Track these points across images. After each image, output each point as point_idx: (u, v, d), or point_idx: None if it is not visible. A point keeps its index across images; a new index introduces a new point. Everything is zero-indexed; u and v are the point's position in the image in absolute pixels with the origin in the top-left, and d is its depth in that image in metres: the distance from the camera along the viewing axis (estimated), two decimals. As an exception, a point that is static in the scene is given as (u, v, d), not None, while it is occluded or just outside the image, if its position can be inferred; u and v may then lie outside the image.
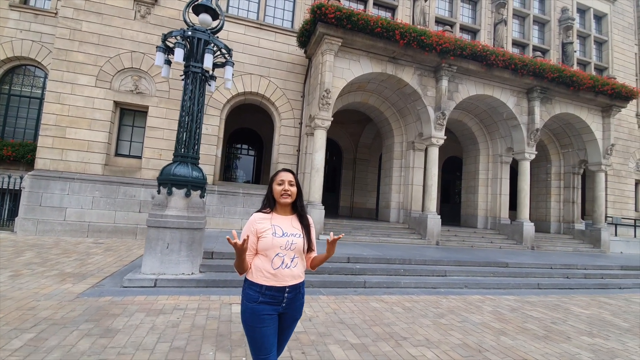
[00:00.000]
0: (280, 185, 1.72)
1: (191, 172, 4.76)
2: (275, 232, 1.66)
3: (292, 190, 1.72)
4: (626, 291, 6.71)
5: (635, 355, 3.31)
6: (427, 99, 9.51)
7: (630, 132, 14.37)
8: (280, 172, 1.75)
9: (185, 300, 3.95)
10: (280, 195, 1.71)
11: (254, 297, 1.62)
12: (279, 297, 1.63)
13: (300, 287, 1.72)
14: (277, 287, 1.63)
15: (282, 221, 1.72)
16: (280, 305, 1.64)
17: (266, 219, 1.71)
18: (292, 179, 1.73)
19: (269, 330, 1.60)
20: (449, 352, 3.07)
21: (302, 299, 1.77)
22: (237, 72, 9.49)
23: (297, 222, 1.76)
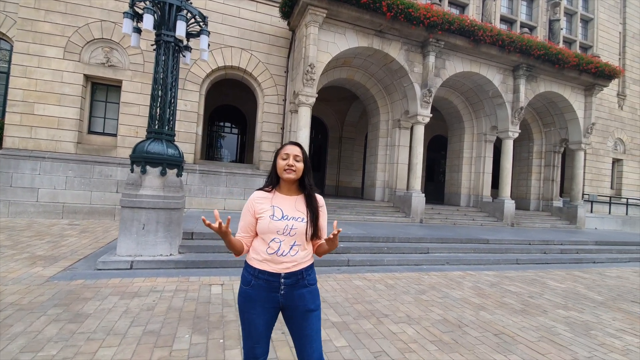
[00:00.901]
0: (284, 160, 1.51)
1: (166, 149, 4.51)
2: (273, 214, 1.48)
3: (297, 166, 1.50)
4: (600, 265, 6.98)
5: (609, 328, 3.42)
6: (413, 76, 9.32)
7: (611, 112, 14.64)
8: (285, 145, 1.55)
9: (163, 282, 3.83)
10: (284, 171, 1.50)
11: (247, 280, 1.49)
12: (275, 283, 1.46)
13: (302, 273, 1.51)
14: (271, 272, 1.47)
15: (284, 202, 1.52)
16: (279, 293, 1.47)
17: (266, 198, 1.53)
18: (299, 153, 1.52)
19: (257, 318, 1.45)
20: (429, 328, 3.08)
21: (309, 286, 1.53)
22: (216, 44, 9.01)
23: (303, 204, 1.54)
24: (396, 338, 2.82)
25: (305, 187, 1.56)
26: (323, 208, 1.59)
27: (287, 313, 1.52)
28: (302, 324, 1.50)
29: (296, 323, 1.51)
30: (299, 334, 1.51)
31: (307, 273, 1.53)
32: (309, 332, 1.50)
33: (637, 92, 15.32)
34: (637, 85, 15.32)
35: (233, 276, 4.19)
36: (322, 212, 1.58)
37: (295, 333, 1.52)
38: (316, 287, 1.58)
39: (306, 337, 1.50)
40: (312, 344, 1.50)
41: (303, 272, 1.52)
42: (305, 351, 1.50)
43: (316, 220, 1.53)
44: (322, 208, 1.58)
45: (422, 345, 2.72)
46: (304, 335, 1.50)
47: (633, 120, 15.21)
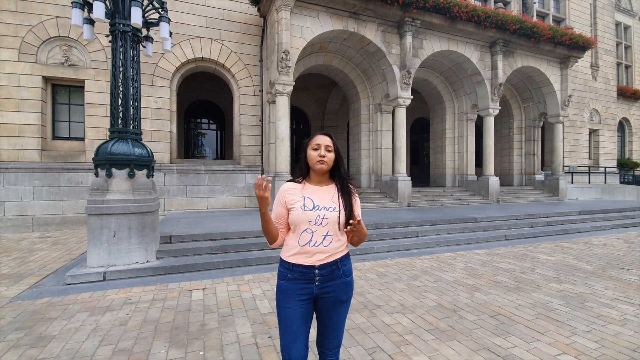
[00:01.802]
0: (315, 150, 1.48)
1: (132, 149, 4.17)
2: (305, 204, 1.47)
3: (329, 156, 1.48)
4: (585, 235, 7.06)
5: (604, 298, 3.37)
6: (391, 57, 9.10)
7: (585, 83, 14.87)
8: (316, 136, 1.51)
9: (139, 291, 3.55)
10: (316, 162, 1.47)
11: (283, 274, 1.49)
12: (309, 275, 1.46)
13: (336, 264, 1.49)
14: (305, 265, 1.46)
15: (315, 192, 1.51)
16: (314, 284, 1.46)
17: (297, 189, 1.51)
18: (330, 144, 1.49)
19: (293, 313, 1.44)
20: (424, 315, 2.94)
21: (344, 277, 1.52)
22: (183, 35, 8.54)
23: (335, 194, 1.52)
24: (391, 330, 2.66)
25: (337, 177, 1.55)
26: (356, 196, 1.56)
27: (318, 303, 1.51)
28: (331, 313, 1.51)
29: (325, 312, 1.51)
30: (325, 322, 1.53)
31: (342, 264, 1.52)
32: (336, 322, 1.52)
33: (609, 63, 15.60)
34: (609, 56, 15.58)
35: (216, 279, 3.96)
36: (356, 201, 1.55)
37: (321, 321, 1.54)
38: (351, 278, 1.57)
39: (332, 327, 1.52)
40: (336, 333, 1.54)
41: (338, 263, 1.50)
42: (327, 339, 1.53)
43: (350, 209, 1.50)
44: (355, 196, 1.56)
45: (418, 335, 2.58)
46: (330, 325, 1.52)
47: (607, 91, 15.51)
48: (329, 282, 1.48)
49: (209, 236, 4.96)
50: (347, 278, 1.53)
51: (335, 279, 1.49)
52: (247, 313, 2.97)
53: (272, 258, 4.60)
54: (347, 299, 1.54)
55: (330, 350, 1.55)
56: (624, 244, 6.13)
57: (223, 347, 2.39)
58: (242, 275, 4.08)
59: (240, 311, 3.01)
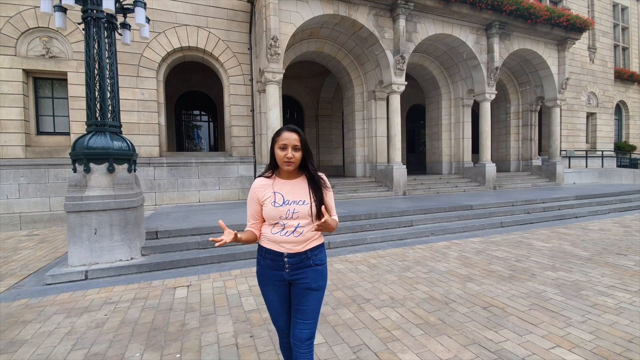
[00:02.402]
0: (282, 150, 1.46)
1: (111, 142, 3.99)
2: (275, 200, 1.49)
3: (296, 156, 1.47)
4: (582, 219, 6.98)
5: (599, 285, 3.27)
6: (384, 42, 8.84)
7: (582, 66, 14.62)
8: (282, 133, 1.47)
9: (120, 290, 3.43)
10: (284, 163, 1.47)
11: (259, 260, 1.57)
12: (279, 262, 1.50)
13: (307, 253, 1.52)
14: (275, 251, 1.51)
15: (285, 186, 1.52)
16: (284, 271, 1.50)
17: (267, 184, 1.53)
18: (297, 142, 1.46)
19: (271, 294, 1.54)
20: (414, 309, 2.84)
21: (315, 265, 1.54)
22: (169, 23, 8.24)
23: (305, 186, 1.53)
24: (378, 326, 2.55)
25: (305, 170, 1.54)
26: (328, 189, 1.56)
27: (291, 288, 1.55)
28: (300, 300, 1.52)
29: (294, 298, 1.53)
30: (295, 309, 1.53)
31: (313, 253, 1.53)
32: (304, 308, 1.51)
33: (607, 45, 15.31)
34: (607, 38, 15.29)
35: (202, 274, 3.84)
36: (327, 191, 1.56)
37: (294, 307, 1.55)
38: (323, 268, 1.57)
39: (299, 312, 1.51)
40: (305, 321, 1.50)
41: (308, 253, 1.52)
42: (296, 327, 1.51)
43: (320, 200, 1.50)
44: (327, 189, 1.56)
45: (406, 331, 2.47)
46: (299, 311, 1.52)
47: (604, 73, 15.27)
48: (299, 269, 1.51)
49: (196, 230, 4.82)
50: (318, 267, 1.54)
51: (305, 267, 1.52)
52: (231, 311, 2.86)
53: (261, 252, 4.48)
54: (318, 287, 1.54)
55: (302, 342, 1.50)
56: (621, 228, 6.05)
57: (201, 349, 2.28)
58: (230, 270, 3.97)
59: (223, 309, 2.90)
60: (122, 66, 7.89)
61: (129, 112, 7.99)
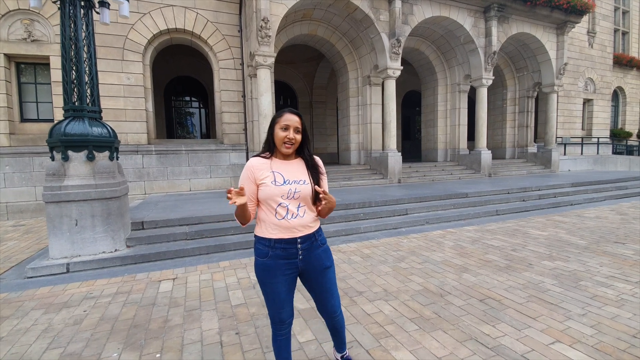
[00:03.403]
0: (284, 131, 1.46)
1: (90, 129, 3.77)
2: (275, 179, 1.46)
3: (296, 139, 1.48)
4: (577, 207, 6.92)
5: (598, 276, 3.18)
6: (380, 25, 8.53)
7: (581, 51, 14.40)
8: (284, 114, 1.47)
9: (103, 284, 3.28)
10: (283, 144, 1.47)
11: (264, 252, 1.49)
12: (292, 250, 1.49)
13: (314, 235, 1.55)
14: (287, 239, 1.48)
15: (283, 166, 1.50)
16: (297, 259, 1.50)
17: (265, 164, 1.50)
18: (299, 125, 1.47)
19: (280, 286, 1.49)
20: (409, 302, 2.73)
21: (322, 245, 1.59)
22: (154, 4, 7.86)
23: (303, 167, 1.53)
24: (371, 321, 2.44)
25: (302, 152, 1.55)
26: (323, 170, 1.59)
27: (305, 275, 1.57)
28: (321, 280, 1.57)
29: (316, 281, 1.58)
30: (320, 290, 1.60)
31: (319, 234, 1.58)
32: (329, 286, 1.61)
33: (607, 29, 15.06)
34: (607, 21, 15.03)
35: (189, 266, 3.69)
36: (323, 175, 1.57)
37: (315, 290, 1.60)
38: (327, 245, 1.64)
39: (327, 292, 1.60)
40: (334, 295, 1.63)
41: (315, 234, 1.55)
42: (328, 303, 1.62)
43: (318, 182, 1.53)
44: (322, 170, 1.58)
45: (400, 325, 2.36)
46: (325, 290, 1.60)
47: (603, 59, 15.07)
48: (311, 253, 1.53)
49: (184, 221, 4.66)
50: (324, 246, 1.60)
51: (316, 249, 1.55)
52: (217, 305, 2.73)
53: (252, 242, 4.32)
54: (331, 263, 1.62)
55: (335, 311, 1.65)
56: (617, 215, 6.00)
57: (183, 348, 2.15)
58: (218, 262, 3.83)
59: (209, 304, 2.77)
60: (106, 49, 7.55)
61: (114, 97, 7.69)
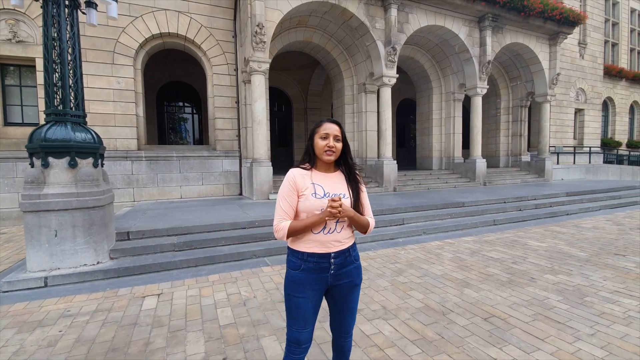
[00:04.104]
0: (324, 140, 1.45)
1: (72, 134, 3.57)
2: (315, 191, 1.44)
3: (337, 147, 1.46)
4: (574, 217, 6.87)
5: (603, 291, 3.07)
6: (375, 33, 8.50)
7: (572, 61, 14.61)
8: (324, 123, 1.48)
9: (82, 300, 3.06)
10: (324, 152, 1.45)
11: (296, 265, 1.47)
12: (325, 265, 1.46)
13: (349, 251, 1.52)
14: (321, 253, 1.45)
15: (324, 179, 1.49)
16: (328, 273, 1.47)
17: (306, 175, 1.48)
18: (339, 133, 1.47)
19: (306, 302, 1.46)
20: (409, 321, 2.57)
21: (355, 262, 1.56)
22: (147, 7, 7.71)
23: (343, 181, 1.52)
24: (370, 343, 2.27)
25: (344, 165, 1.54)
26: (363, 185, 1.57)
27: (332, 290, 1.53)
28: (348, 298, 1.54)
29: (341, 298, 1.54)
30: (342, 308, 1.56)
31: (353, 249, 1.55)
32: (353, 305, 1.57)
33: (598, 40, 15.34)
34: (598, 33, 15.30)
35: (176, 280, 3.49)
36: (363, 189, 1.56)
37: (338, 307, 1.56)
38: (360, 263, 1.60)
39: (349, 311, 1.57)
40: (353, 314, 1.59)
41: (350, 250, 1.52)
42: (345, 322, 1.58)
43: (357, 197, 1.50)
44: (362, 185, 1.57)
45: (401, 349, 2.20)
46: (347, 309, 1.56)
47: (593, 69, 15.31)
48: (343, 269, 1.50)
49: (173, 230, 4.45)
50: (357, 262, 1.57)
51: (349, 265, 1.51)
52: (204, 325, 2.53)
53: (244, 254, 4.15)
54: (360, 281, 1.58)
55: (349, 331, 1.60)
56: (614, 226, 5.94)
57: (165, 376, 1.96)
58: (208, 275, 3.63)
59: (195, 323, 2.57)
60: (95, 52, 7.36)
61: (103, 102, 7.47)
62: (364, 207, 1.54)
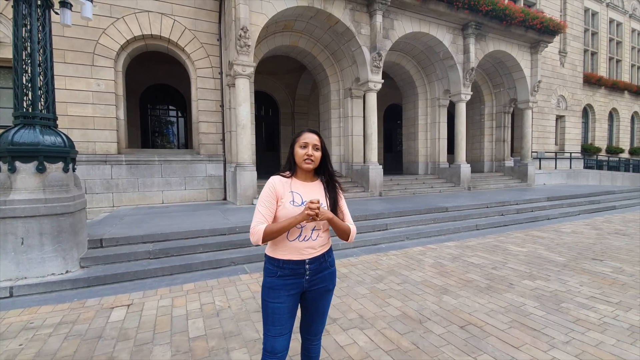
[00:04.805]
0: (303, 149, 1.50)
1: (41, 137, 3.43)
2: (293, 199, 1.49)
3: (316, 155, 1.51)
4: (554, 221, 6.98)
5: (579, 297, 3.09)
6: (361, 38, 8.55)
7: (553, 69, 15.00)
8: (303, 133, 1.53)
9: (47, 312, 2.91)
10: (303, 160, 1.50)
11: (273, 272, 1.50)
12: (300, 270, 1.49)
13: (324, 257, 1.56)
14: (296, 260, 1.49)
15: (302, 188, 1.53)
16: (304, 278, 1.50)
17: (286, 183, 1.52)
18: (318, 142, 1.52)
19: (282, 307, 1.47)
20: (386, 330, 2.53)
21: (330, 267, 1.60)
22: (129, 9, 7.57)
23: (322, 190, 1.56)
24: (344, 355, 2.21)
25: (323, 174, 1.58)
26: (341, 193, 1.61)
27: (306, 294, 1.56)
28: (319, 302, 1.58)
29: (313, 302, 1.57)
30: (314, 311, 1.59)
31: (328, 255, 1.58)
32: (324, 310, 1.61)
33: (577, 49, 15.81)
34: (577, 42, 15.78)
35: (149, 290, 3.37)
36: (341, 196, 1.60)
37: (310, 310, 1.60)
38: (335, 268, 1.64)
39: (320, 315, 1.61)
40: (323, 319, 1.64)
41: (325, 256, 1.56)
42: (315, 326, 1.62)
43: (335, 204, 1.54)
44: (341, 193, 1.60)
45: (375, 360, 2.15)
46: (318, 313, 1.60)
47: (573, 77, 15.76)
48: (318, 274, 1.53)
49: (149, 237, 4.32)
50: (332, 268, 1.61)
51: (323, 271, 1.55)
52: (172, 338, 2.43)
53: (222, 261, 4.05)
54: (333, 287, 1.62)
55: (317, 335, 1.65)
56: (593, 230, 6.06)
57: (125, 394, 1.85)
58: (182, 284, 3.51)
59: (164, 336, 2.47)
60: (75, 54, 7.17)
61: (82, 104, 7.27)
62: (344, 214, 1.58)
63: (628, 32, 19.04)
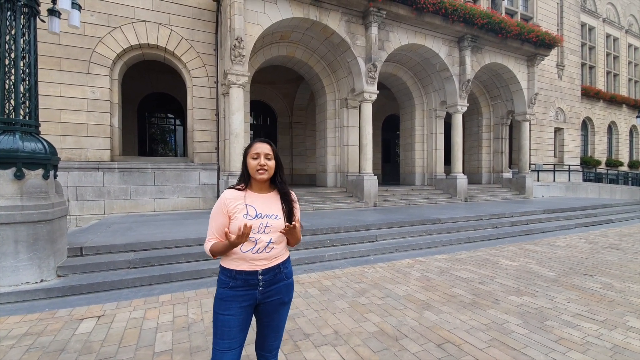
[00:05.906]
0: (255, 160, 1.49)
1: (21, 144, 3.41)
2: (247, 212, 1.46)
3: (269, 165, 1.49)
4: (549, 234, 6.87)
5: (565, 314, 2.98)
6: (356, 49, 8.60)
7: (551, 82, 15.03)
8: (254, 144, 1.51)
9: (14, 322, 2.83)
10: (257, 171, 1.48)
11: (225, 282, 1.47)
12: (252, 281, 1.46)
13: (279, 267, 1.52)
14: (248, 271, 1.46)
15: (257, 200, 1.51)
16: (257, 289, 1.46)
17: (239, 197, 1.49)
18: (270, 152, 1.50)
19: (232, 319, 1.42)
20: (359, 348, 2.43)
21: (287, 279, 1.56)
22: (126, 18, 7.66)
23: (277, 201, 1.54)
24: (311, 373, 2.12)
25: (277, 184, 1.56)
26: (296, 203, 1.59)
27: (260, 307, 1.52)
28: (273, 315, 1.53)
29: (267, 315, 1.53)
30: (267, 325, 1.54)
31: (284, 266, 1.55)
32: (278, 324, 1.56)
33: (574, 62, 15.87)
34: (574, 56, 15.85)
35: (124, 301, 3.29)
36: (297, 208, 1.58)
37: (263, 323, 1.55)
38: (292, 280, 1.61)
39: (274, 328, 1.55)
40: (277, 334, 1.57)
41: (280, 266, 1.53)
42: (268, 341, 1.56)
43: (291, 216, 1.52)
44: (296, 203, 1.59)
45: (343, 379, 2.05)
46: (272, 327, 1.54)
47: (571, 90, 15.78)
48: (272, 286, 1.49)
49: (131, 246, 4.25)
50: (289, 280, 1.57)
51: (278, 282, 1.51)
52: (137, 352, 2.35)
53: (203, 272, 3.97)
54: (289, 300, 1.58)
55: (271, 352, 1.58)
56: (587, 244, 5.94)
57: (75, 412, 1.77)
58: (159, 295, 3.43)
59: (128, 350, 2.38)
60: (70, 61, 7.24)
61: (76, 111, 7.30)
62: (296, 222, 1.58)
63: (625, 47, 19.16)
